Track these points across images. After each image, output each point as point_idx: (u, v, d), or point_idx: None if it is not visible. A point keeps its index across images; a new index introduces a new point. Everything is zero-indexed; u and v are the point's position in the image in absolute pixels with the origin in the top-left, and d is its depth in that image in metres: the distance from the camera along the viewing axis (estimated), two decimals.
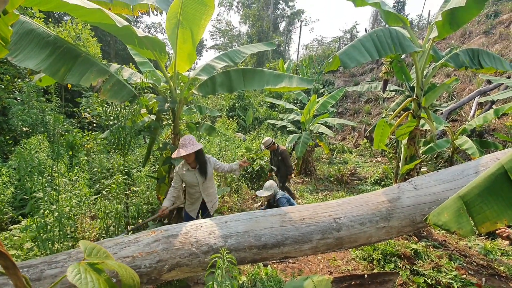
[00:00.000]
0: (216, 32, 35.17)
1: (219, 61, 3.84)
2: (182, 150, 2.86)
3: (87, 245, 0.85)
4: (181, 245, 2.03)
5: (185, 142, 2.92)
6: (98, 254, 0.83)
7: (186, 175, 3.07)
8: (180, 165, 3.14)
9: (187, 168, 3.07)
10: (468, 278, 3.01)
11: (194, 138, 3.00)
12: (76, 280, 0.70)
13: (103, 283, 0.73)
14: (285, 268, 3.40)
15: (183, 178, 3.09)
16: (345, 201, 2.36)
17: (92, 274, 0.73)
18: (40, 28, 2.54)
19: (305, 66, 15.34)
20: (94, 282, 0.71)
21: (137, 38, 2.83)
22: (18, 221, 3.20)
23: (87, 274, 0.72)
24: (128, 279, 0.79)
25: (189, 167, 3.08)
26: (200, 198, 3.18)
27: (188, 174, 3.08)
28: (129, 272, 0.82)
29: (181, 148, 2.89)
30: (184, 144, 2.91)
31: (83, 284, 0.69)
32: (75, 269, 0.73)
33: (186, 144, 2.91)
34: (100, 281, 0.73)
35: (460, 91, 10.46)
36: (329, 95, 8.56)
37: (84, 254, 0.82)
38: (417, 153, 4.15)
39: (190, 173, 3.08)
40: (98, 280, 0.73)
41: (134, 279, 0.82)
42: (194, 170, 3.07)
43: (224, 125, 10.04)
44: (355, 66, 2.99)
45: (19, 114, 5.55)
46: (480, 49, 3.96)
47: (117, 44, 19.97)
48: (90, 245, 0.85)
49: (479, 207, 1.50)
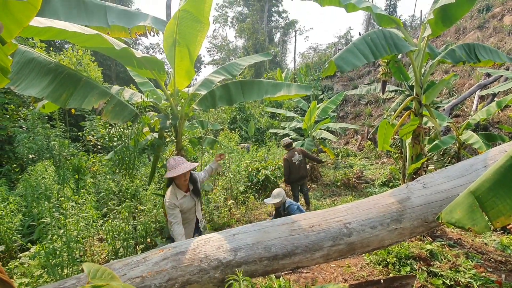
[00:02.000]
0: (213, 48, 35.90)
1: (217, 75, 3.90)
2: (182, 167, 2.62)
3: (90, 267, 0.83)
4: (190, 261, 2.00)
5: (180, 160, 2.69)
6: (103, 275, 0.82)
7: (183, 202, 2.79)
8: (167, 198, 2.71)
9: (182, 196, 2.78)
10: (488, 275, 2.91)
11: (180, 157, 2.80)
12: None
13: None
14: (298, 278, 3.32)
15: (181, 208, 2.75)
16: (353, 205, 2.32)
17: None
18: (40, 57, 2.61)
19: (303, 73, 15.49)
20: None
21: (135, 59, 2.89)
22: (27, 248, 3.19)
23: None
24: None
25: (182, 193, 2.79)
26: (194, 219, 2.99)
27: (184, 201, 2.80)
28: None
29: (178, 167, 2.62)
30: (181, 161, 2.68)
31: None
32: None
33: (183, 161, 2.69)
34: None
35: (460, 87, 10.44)
36: (329, 100, 8.60)
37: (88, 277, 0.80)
38: (423, 151, 4.10)
39: (186, 199, 2.82)
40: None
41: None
42: (187, 194, 2.83)
43: (226, 137, 10.08)
44: (351, 70, 3.02)
45: (24, 142, 5.64)
46: (475, 43, 3.97)
47: (118, 67, 20.43)
48: (94, 267, 0.84)
49: (492, 202, 1.46)
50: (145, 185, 5.19)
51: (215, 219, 5.06)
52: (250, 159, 7.82)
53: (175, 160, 2.70)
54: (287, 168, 5.68)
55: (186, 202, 2.82)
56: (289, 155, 5.72)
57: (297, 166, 5.67)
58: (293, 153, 5.73)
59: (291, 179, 5.72)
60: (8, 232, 3.59)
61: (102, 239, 4.30)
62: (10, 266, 2.86)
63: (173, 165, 2.67)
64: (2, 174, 5.84)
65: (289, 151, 5.84)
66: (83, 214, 3.23)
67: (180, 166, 2.65)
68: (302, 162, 5.74)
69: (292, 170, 5.67)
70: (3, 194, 3.93)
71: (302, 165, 5.74)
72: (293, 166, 5.66)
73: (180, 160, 2.71)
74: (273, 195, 4.11)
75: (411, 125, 3.97)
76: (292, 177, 5.70)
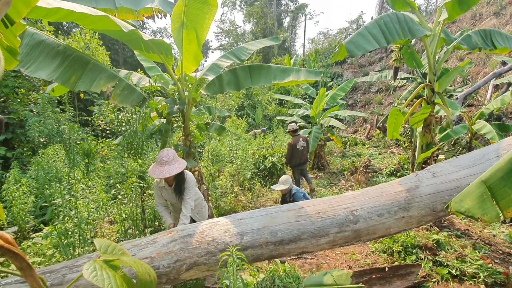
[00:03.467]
0: (220, 33, 35.29)
1: (225, 59, 3.84)
2: (165, 169, 2.45)
3: (102, 243, 0.85)
4: (198, 244, 2.04)
5: (168, 158, 2.51)
6: (114, 251, 0.84)
7: (164, 191, 2.77)
8: (157, 179, 2.77)
9: (163, 185, 2.75)
10: (495, 267, 2.90)
11: (175, 153, 2.65)
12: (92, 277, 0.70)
13: (119, 279, 0.73)
14: (303, 264, 3.37)
15: (161, 194, 2.79)
16: (361, 193, 2.30)
17: (108, 271, 0.74)
18: (49, 39, 2.60)
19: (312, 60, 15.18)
20: (111, 278, 0.71)
21: (143, 42, 2.86)
22: (40, 229, 3.30)
23: (103, 271, 0.73)
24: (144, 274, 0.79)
25: (166, 185, 2.74)
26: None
27: (165, 191, 2.76)
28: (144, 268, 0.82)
29: (164, 167, 2.47)
30: (168, 161, 2.50)
31: (100, 281, 0.69)
32: (91, 266, 0.73)
33: (170, 161, 2.51)
34: (117, 277, 0.73)
35: (474, 75, 10.08)
36: (338, 88, 8.44)
37: (100, 252, 0.82)
38: (433, 140, 4.02)
39: (166, 191, 2.76)
40: (114, 276, 0.73)
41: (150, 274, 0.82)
42: (170, 188, 2.74)
43: (233, 124, 10.06)
44: (362, 55, 2.93)
45: (35, 126, 5.73)
46: (492, 29, 3.80)
47: (125, 52, 20.39)
48: (105, 243, 0.86)
49: (504, 191, 1.43)
50: None
51: (221, 205, 5.12)
52: (257, 146, 7.81)
53: (167, 156, 2.51)
54: (290, 152, 5.92)
55: (167, 194, 2.78)
56: (294, 141, 5.94)
57: (300, 152, 5.93)
58: (298, 139, 5.96)
59: (293, 163, 5.99)
60: (21, 214, 3.71)
61: (112, 221, 4.42)
62: (23, 246, 2.98)
63: (162, 160, 2.51)
64: (14, 157, 5.99)
65: (294, 136, 6.05)
66: (93, 197, 3.31)
67: (162, 168, 2.48)
68: (305, 149, 6.00)
69: (295, 155, 5.91)
70: (16, 176, 4.03)
71: (304, 151, 6.01)
72: (296, 151, 5.90)
73: (166, 159, 2.50)
74: (280, 182, 4.13)
75: (422, 113, 3.88)
76: (294, 161, 5.96)
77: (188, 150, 3.67)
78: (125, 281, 0.75)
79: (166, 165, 2.48)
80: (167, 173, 2.44)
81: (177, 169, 2.50)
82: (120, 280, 0.74)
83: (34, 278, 0.81)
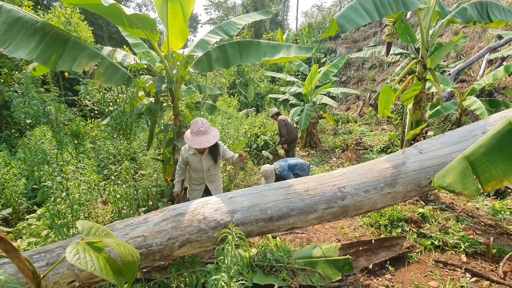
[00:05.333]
0: (210, 6, 33.81)
1: (213, 35, 3.70)
2: (204, 138, 2.57)
3: (84, 224, 0.86)
4: (189, 222, 2.08)
5: (205, 128, 2.61)
6: (97, 232, 0.84)
7: (191, 159, 2.87)
8: (186, 146, 2.93)
9: (194, 152, 2.84)
10: (476, 238, 3.05)
11: (207, 121, 2.72)
12: (75, 260, 0.71)
13: (103, 260, 0.75)
14: (294, 238, 3.50)
15: (188, 161, 2.91)
16: (349, 170, 2.35)
17: (91, 253, 0.74)
18: (27, 15, 2.44)
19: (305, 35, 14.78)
20: (94, 260, 0.72)
21: (125, 17, 2.72)
22: (34, 210, 3.31)
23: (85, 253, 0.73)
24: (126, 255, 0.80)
25: (196, 151, 2.84)
26: (203, 184, 3.02)
27: (193, 158, 2.86)
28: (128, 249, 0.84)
29: (203, 136, 2.58)
30: (205, 130, 2.60)
31: (83, 263, 0.70)
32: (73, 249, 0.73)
33: (207, 130, 2.61)
34: (100, 259, 0.74)
35: (469, 50, 9.99)
36: (331, 64, 8.30)
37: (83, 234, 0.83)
38: (423, 117, 4.05)
39: (196, 157, 2.85)
40: (97, 258, 0.74)
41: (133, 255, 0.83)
42: (200, 155, 2.85)
43: (225, 103, 9.93)
44: (354, 29, 2.84)
45: (21, 107, 5.56)
46: (488, 1, 3.70)
47: (110, 27, 19.44)
48: (88, 225, 0.86)
49: (485, 166, 1.47)
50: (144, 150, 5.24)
51: None
52: (249, 124, 7.79)
53: (203, 125, 2.61)
54: (284, 127, 5.95)
55: (194, 161, 2.88)
56: (283, 117, 6.05)
57: (292, 127, 6.06)
58: (285, 117, 6.09)
59: (289, 138, 6.01)
60: (14, 196, 3.70)
61: (105, 202, 4.45)
62: (19, 227, 2.99)
63: (199, 130, 2.60)
64: (2, 139, 5.86)
65: (280, 116, 6.17)
66: (84, 178, 3.30)
67: (200, 137, 2.60)
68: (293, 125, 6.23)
69: (289, 129, 5.98)
70: (5, 159, 3.97)
71: (294, 127, 6.22)
72: (290, 126, 5.99)
73: (203, 129, 2.61)
74: (264, 177, 4.10)
75: (413, 90, 3.87)
76: (290, 136, 6.00)
77: (179, 130, 3.63)
78: (109, 262, 0.76)
79: (204, 134, 2.61)
80: (208, 143, 2.59)
81: (215, 138, 2.63)
82: (104, 261, 0.75)
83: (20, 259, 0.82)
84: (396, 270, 2.69)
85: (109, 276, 0.74)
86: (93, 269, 0.71)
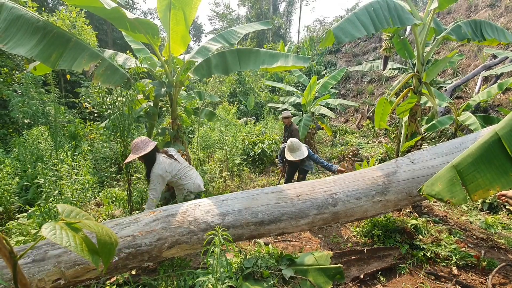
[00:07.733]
0: (214, 16, 34.47)
1: (214, 42, 3.77)
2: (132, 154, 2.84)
3: (65, 207, 0.86)
4: (180, 223, 2.07)
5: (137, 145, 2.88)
6: (77, 216, 0.85)
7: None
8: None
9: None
10: (467, 250, 3.04)
11: (148, 139, 2.95)
12: (51, 235, 0.70)
13: (79, 239, 0.75)
14: (287, 246, 3.47)
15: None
16: (341, 177, 2.36)
17: (68, 231, 0.75)
18: (28, 14, 2.50)
19: (306, 47, 15.02)
20: (70, 238, 0.72)
21: (128, 21, 2.78)
22: (26, 210, 3.28)
23: (62, 230, 0.74)
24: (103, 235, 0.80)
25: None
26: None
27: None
28: (105, 231, 0.84)
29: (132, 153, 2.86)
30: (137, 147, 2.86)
31: (58, 239, 0.70)
32: (50, 226, 0.74)
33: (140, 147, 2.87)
34: (76, 237, 0.74)
35: (465, 67, 10.19)
36: (330, 76, 8.42)
37: (62, 215, 0.83)
38: (418, 130, 4.09)
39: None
40: (74, 236, 0.74)
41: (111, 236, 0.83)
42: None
43: (224, 110, 9.99)
44: (350, 41, 2.92)
45: (19, 107, 5.58)
46: (482, 20, 3.81)
47: (114, 33, 19.72)
48: (69, 208, 0.87)
49: (472, 176, 1.49)
50: None
51: (210, 190, 5.16)
52: (247, 132, 7.82)
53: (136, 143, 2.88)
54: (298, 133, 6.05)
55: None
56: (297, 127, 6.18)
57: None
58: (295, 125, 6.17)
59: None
60: (5, 194, 3.67)
61: (99, 204, 4.41)
62: (8, 226, 2.96)
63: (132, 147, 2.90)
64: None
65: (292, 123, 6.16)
66: (78, 178, 3.29)
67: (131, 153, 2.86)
68: None
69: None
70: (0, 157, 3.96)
71: None
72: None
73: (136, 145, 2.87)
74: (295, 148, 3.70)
75: (408, 102, 3.93)
76: None
77: (176, 134, 3.66)
78: (85, 242, 0.76)
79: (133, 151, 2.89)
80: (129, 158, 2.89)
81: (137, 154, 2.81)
82: (80, 240, 0.75)
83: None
84: (387, 281, 2.66)
85: (83, 253, 0.74)
86: (68, 244, 0.71)
